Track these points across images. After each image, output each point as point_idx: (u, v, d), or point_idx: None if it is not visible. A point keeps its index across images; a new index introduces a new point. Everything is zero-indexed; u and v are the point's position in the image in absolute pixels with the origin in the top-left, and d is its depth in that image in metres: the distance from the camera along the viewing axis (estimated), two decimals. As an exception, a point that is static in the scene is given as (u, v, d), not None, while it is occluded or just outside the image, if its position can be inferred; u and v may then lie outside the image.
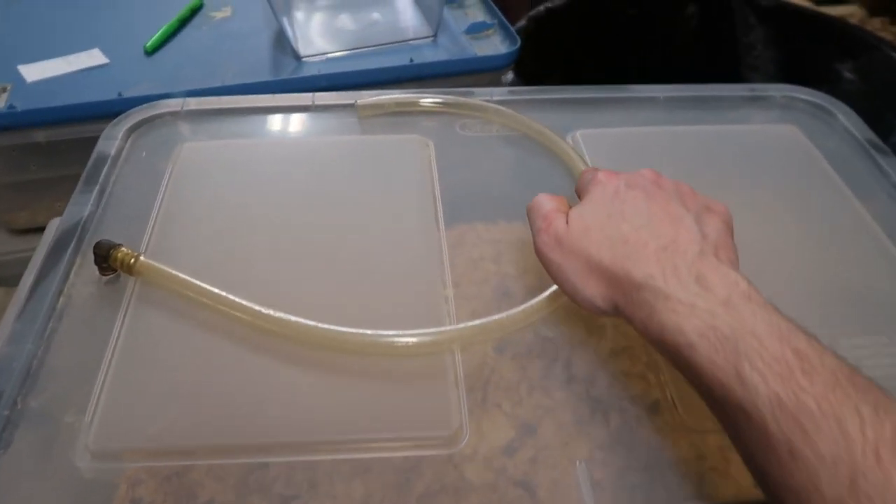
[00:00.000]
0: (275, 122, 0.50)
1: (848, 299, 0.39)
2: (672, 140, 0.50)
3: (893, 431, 0.22)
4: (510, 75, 0.83)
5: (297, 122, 0.50)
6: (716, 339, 0.26)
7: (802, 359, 0.24)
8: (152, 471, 0.31)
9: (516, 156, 0.48)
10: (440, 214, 0.43)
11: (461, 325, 0.36)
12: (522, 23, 0.96)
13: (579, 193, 0.36)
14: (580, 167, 0.45)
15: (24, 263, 0.65)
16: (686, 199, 0.33)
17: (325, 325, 0.34)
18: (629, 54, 1.06)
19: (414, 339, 0.34)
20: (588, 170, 0.37)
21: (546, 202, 0.35)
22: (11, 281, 0.67)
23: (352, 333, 0.34)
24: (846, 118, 0.52)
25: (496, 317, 0.36)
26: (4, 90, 0.58)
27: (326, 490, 0.30)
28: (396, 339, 0.34)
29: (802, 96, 0.54)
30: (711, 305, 0.27)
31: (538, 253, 0.34)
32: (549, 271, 0.33)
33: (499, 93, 0.52)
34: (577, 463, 0.32)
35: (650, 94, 0.53)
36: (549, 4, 0.98)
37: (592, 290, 0.31)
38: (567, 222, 0.33)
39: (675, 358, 0.28)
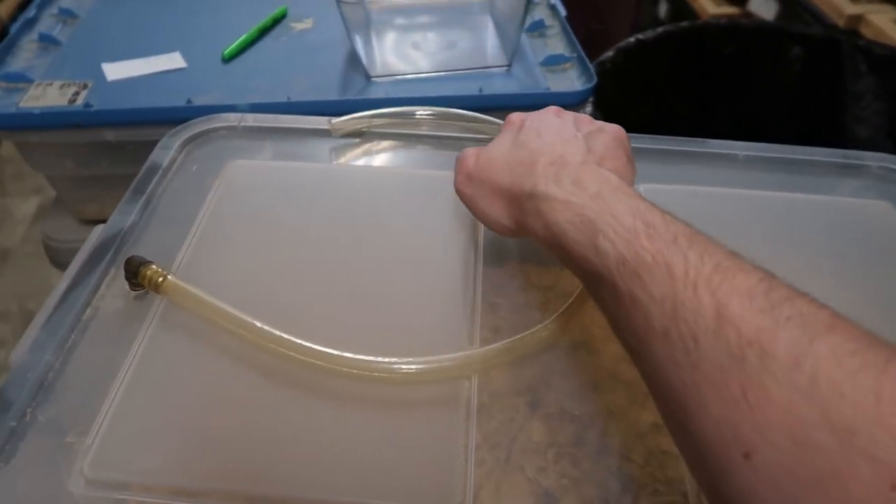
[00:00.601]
0: (325, 144, 0.49)
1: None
2: (747, 205, 0.45)
3: (713, 269, 0.25)
4: (589, 108, 0.80)
5: (347, 148, 0.49)
6: (581, 223, 0.30)
7: (649, 227, 0.28)
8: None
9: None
10: (480, 253, 0.41)
11: (478, 350, 0.35)
12: (610, 54, 0.93)
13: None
14: None
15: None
16: (581, 123, 0.37)
17: (349, 354, 0.33)
18: (723, 95, 1.01)
19: (432, 366, 0.34)
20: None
21: (466, 151, 0.39)
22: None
23: (361, 359, 0.33)
24: (955, 198, 0.46)
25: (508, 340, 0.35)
26: (85, 87, 0.60)
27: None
28: (407, 366, 0.33)
29: (903, 169, 0.48)
30: (583, 200, 0.31)
31: (456, 192, 0.38)
32: (466, 204, 0.38)
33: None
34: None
35: (729, 151, 0.49)
36: (640, 36, 0.94)
37: (498, 211, 0.36)
38: (476, 157, 0.38)
39: (556, 249, 0.32)
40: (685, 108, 1.00)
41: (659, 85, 0.97)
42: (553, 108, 0.39)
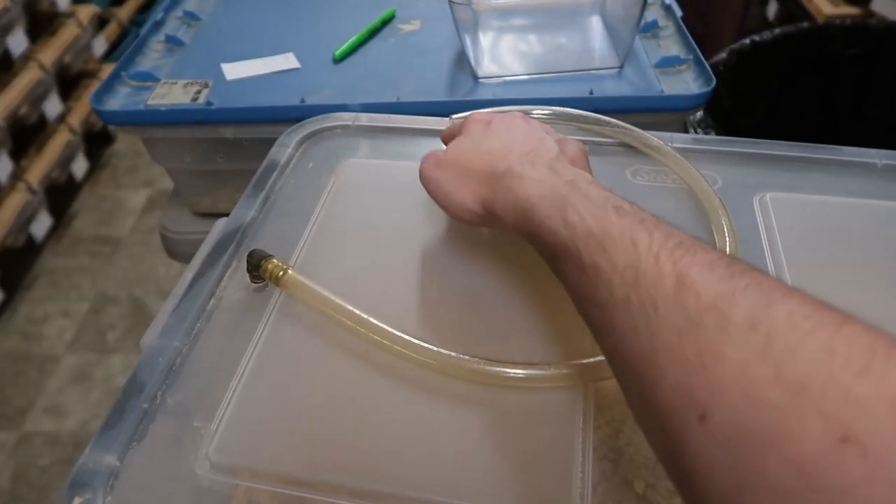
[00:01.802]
0: (437, 144, 0.49)
1: None
2: (886, 218, 0.42)
3: (676, 245, 0.26)
4: (700, 114, 0.76)
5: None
6: (552, 198, 0.31)
7: (619, 209, 0.29)
8: (272, 496, 0.31)
9: (688, 214, 0.43)
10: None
11: (592, 359, 0.34)
12: (723, 55, 0.89)
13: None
14: (712, 201, 0.42)
15: (201, 244, 0.71)
16: (548, 128, 0.39)
17: (465, 356, 0.33)
18: (846, 99, 0.94)
19: (538, 372, 0.33)
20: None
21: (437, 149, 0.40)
22: (189, 258, 0.73)
23: (476, 363, 0.33)
24: None
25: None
26: (206, 86, 0.63)
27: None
28: (513, 371, 0.33)
29: None
30: (556, 182, 0.32)
31: (420, 177, 0.38)
32: (428, 188, 0.38)
33: (680, 139, 0.47)
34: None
35: (865, 159, 0.46)
36: (755, 38, 0.90)
37: (465, 194, 0.36)
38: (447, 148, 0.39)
39: (523, 224, 0.33)
40: (802, 113, 0.94)
41: (774, 88, 0.92)
42: (518, 112, 0.41)
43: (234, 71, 0.66)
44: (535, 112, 0.48)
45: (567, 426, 0.32)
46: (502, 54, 0.66)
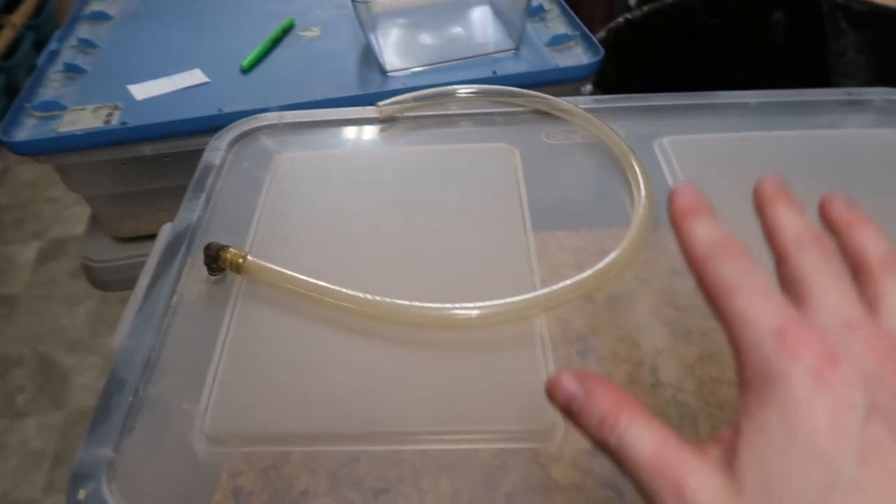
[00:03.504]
0: (365, 132, 0.52)
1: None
2: (764, 146, 0.49)
3: None
4: (589, 87, 0.83)
5: (386, 132, 0.52)
6: None
7: None
8: (252, 462, 0.32)
9: (599, 163, 0.48)
10: (528, 221, 0.44)
11: (541, 292, 0.37)
12: (602, 34, 0.96)
13: (739, 341, 0.20)
14: (622, 147, 0.45)
15: (127, 269, 0.69)
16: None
17: (415, 303, 0.36)
18: (714, 65, 1.04)
19: (493, 309, 0.36)
20: (754, 295, 0.21)
21: (639, 437, 0.20)
22: (115, 286, 0.72)
23: (441, 308, 0.36)
24: (954, 121, 0.50)
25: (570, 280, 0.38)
26: (117, 108, 0.63)
27: (414, 483, 0.31)
28: (468, 311, 0.36)
29: (904, 99, 0.52)
30: None
31: None
32: None
33: (584, 101, 0.52)
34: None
35: (740, 100, 0.52)
36: (628, 16, 0.98)
37: None
38: (733, 475, 0.19)
39: None
40: (677, 82, 1.03)
41: (650, 61, 1.01)
42: (875, 333, 0.20)
43: (142, 91, 0.66)
44: (460, 91, 0.52)
45: (528, 353, 0.36)
46: (406, 48, 0.70)
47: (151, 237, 0.44)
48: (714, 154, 0.48)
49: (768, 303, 0.20)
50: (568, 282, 0.38)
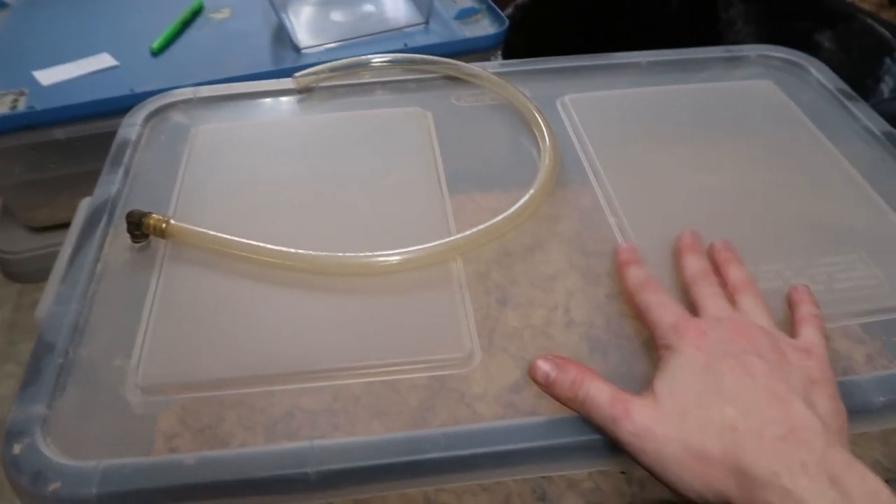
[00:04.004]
0: (281, 103, 0.53)
1: (822, 226, 0.42)
2: (656, 100, 0.53)
3: None
4: (499, 59, 0.86)
5: (302, 103, 0.53)
6: None
7: None
8: (186, 423, 0.34)
9: (510, 124, 0.51)
10: (443, 182, 0.46)
11: (456, 236, 0.40)
12: (509, 11, 0.99)
13: (658, 335, 0.33)
14: (521, 98, 0.49)
15: (42, 260, 0.68)
16: (785, 368, 0.30)
17: (338, 254, 0.39)
18: (615, 37, 1.10)
19: (412, 255, 0.39)
20: (662, 306, 0.34)
21: (599, 390, 0.31)
22: (30, 277, 0.70)
23: (360, 257, 0.39)
24: (818, 71, 0.55)
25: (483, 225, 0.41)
26: (22, 94, 0.62)
27: (349, 433, 0.33)
28: (390, 258, 0.39)
29: (777, 54, 0.57)
30: None
31: (626, 445, 0.29)
32: (643, 461, 0.29)
33: (491, 66, 0.55)
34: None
35: (633, 60, 0.57)
36: (534, -8, 1.01)
37: (699, 483, 0.28)
38: (653, 396, 0.30)
39: None
40: (585, 49, 1.08)
41: (558, 35, 1.05)
42: (728, 320, 0.33)
43: (48, 77, 0.65)
44: (374, 60, 0.54)
45: (447, 293, 0.38)
46: (318, 26, 0.71)
47: (67, 226, 0.44)
48: (610, 108, 0.52)
49: (670, 311, 0.34)
50: (480, 226, 0.41)
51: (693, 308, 0.35)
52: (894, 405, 0.33)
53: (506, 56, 0.83)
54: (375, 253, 0.39)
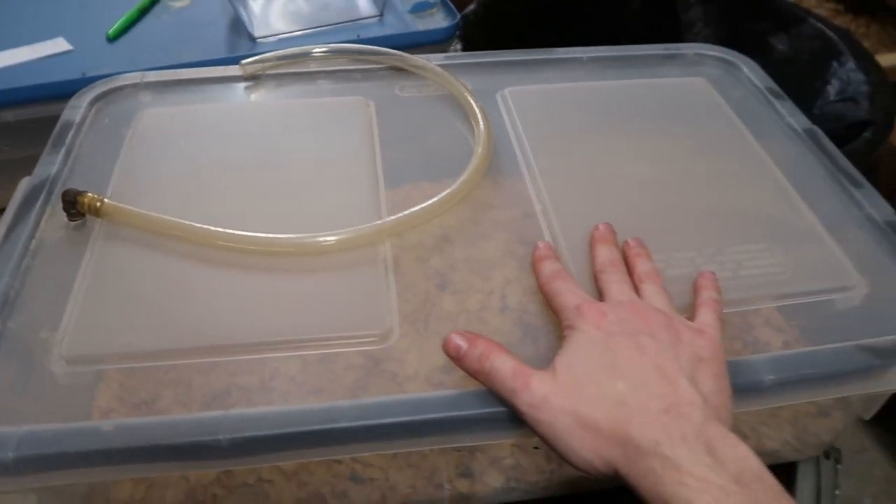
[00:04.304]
0: (228, 90, 0.54)
1: (737, 216, 0.44)
2: (592, 94, 0.55)
3: None
4: (458, 48, 0.87)
5: (248, 90, 0.54)
6: None
7: None
8: (123, 399, 0.35)
9: (452, 115, 0.53)
10: (380, 169, 0.47)
11: (383, 220, 0.42)
12: (471, 6, 1.01)
13: (563, 318, 0.35)
14: (460, 89, 0.51)
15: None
16: (677, 347, 0.32)
17: (264, 234, 0.40)
18: (576, 35, 1.11)
19: (339, 237, 0.40)
20: (569, 292, 0.36)
21: (503, 363, 0.32)
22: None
23: (289, 238, 0.40)
24: (750, 70, 0.57)
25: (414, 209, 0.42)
26: (-27, 76, 0.62)
27: (281, 402, 0.35)
28: (323, 239, 0.40)
29: (711, 53, 0.59)
30: (724, 481, 0.27)
31: (524, 415, 0.31)
32: (539, 431, 0.31)
33: (436, 58, 0.57)
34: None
35: (574, 56, 0.58)
36: (497, -11, 1.03)
37: (588, 452, 0.30)
38: (552, 370, 0.32)
39: None
40: (547, 45, 1.10)
41: (520, 31, 1.07)
42: (629, 303, 0.35)
43: (1, 60, 0.65)
44: (315, 51, 0.55)
45: (377, 270, 0.40)
46: (274, 17, 0.72)
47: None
48: (547, 101, 0.54)
49: (575, 296, 0.36)
50: (408, 211, 0.42)
51: (601, 296, 0.38)
52: (783, 384, 0.35)
53: (465, 51, 0.85)
54: (305, 234, 0.40)
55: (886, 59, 1.11)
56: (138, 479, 0.39)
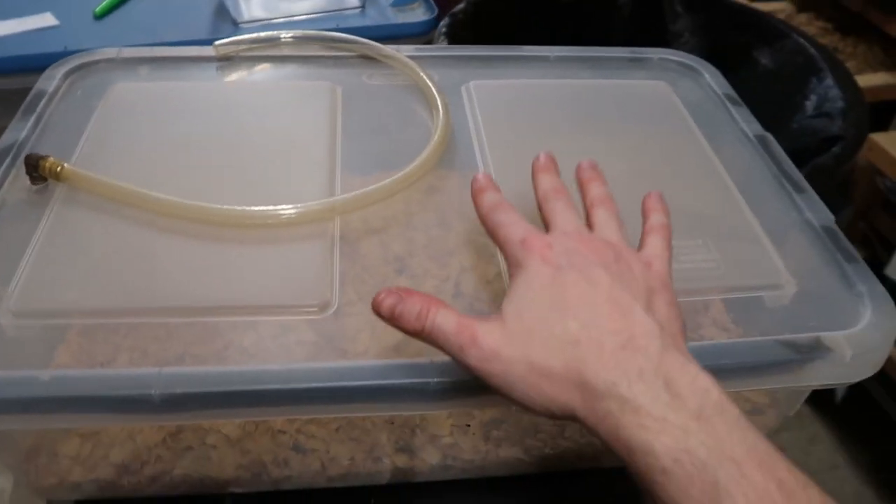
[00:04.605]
0: (201, 69, 0.56)
1: (677, 213, 0.45)
2: (554, 91, 0.56)
3: None
4: (444, 41, 0.89)
5: (220, 70, 0.56)
6: (692, 466, 0.25)
7: (786, 493, 0.24)
8: (80, 360, 0.36)
9: (415, 104, 0.54)
10: (339, 151, 0.49)
11: (339, 197, 0.43)
12: (462, 6, 1.02)
13: (507, 253, 0.33)
14: (424, 79, 0.52)
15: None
16: (627, 279, 0.31)
17: (217, 205, 0.41)
18: (565, 40, 1.12)
19: (294, 211, 0.42)
20: (512, 224, 0.34)
21: (445, 318, 0.30)
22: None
23: (243, 210, 0.42)
24: (711, 76, 0.59)
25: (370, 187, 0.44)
26: (-41, 45, 0.64)
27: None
28: (280, 211, 0.42)
29: (675, 58, 0.61)
30: (684, 420, 0.26)
31: (475, 370, 0.30)
32: (492, 383, 0.29)
33: (406, 49, 0.58)
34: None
35: (542, 54, 0.60)
36: (487, -9, 1.05)
37: (545, 398, 0.28)
38: (500, 317, 0.30)
39: (646, 481, 0.26)
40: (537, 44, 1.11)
41: (509, 32, 1.08)
42: (574, 231, 0.34)
43: (-13, 30, 0.67)
44: (284, 35, 0.57)
45: (324, 246, 0.41)
46: (257, 3, 0.74)
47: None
48: (510, 96, 0.55)
49: (519, 229, 0.33)
50: (370, 188, 0.44)
51: (547, 227, 0.36)
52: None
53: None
54: (258, 207, 0.41)
55: (869, 80, 1.12)
56: (84, 436, 0.41)
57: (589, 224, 0.36)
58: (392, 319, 0.31)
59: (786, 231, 0.45)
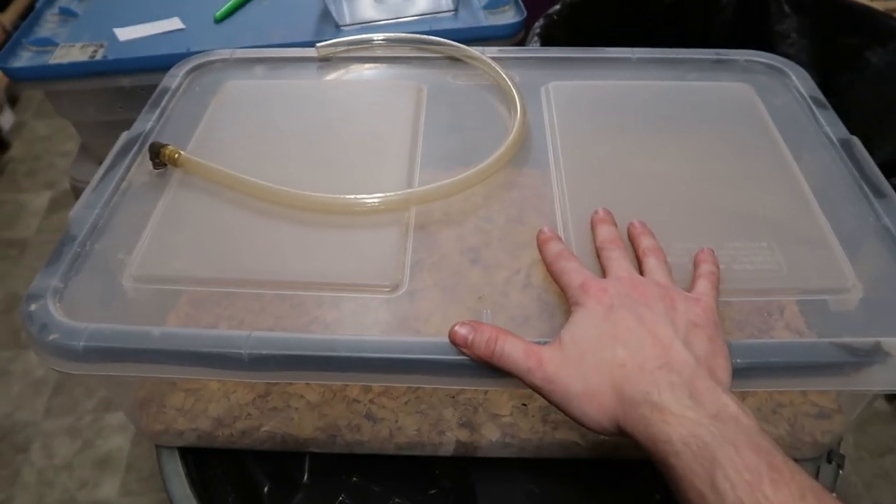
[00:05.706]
0: (303, 69, 0.61)
1: (745, 216, 0.46)
2: (633, 93, 0.57)
3: None
4: (536, 41, 0.91)
5: (320, 70, 0.61)
6: (697, 447, 0.29)
7: (774, 470, 0.28)
8: (186, 325, 0.41)
9: (498, 103, 0.57)
10: (420, 146, 0.52)
11: (416, 189, 0.47)
12: (557, 7, 1.04)
13: (568, 295, 0.38)
14: (504, 80, 0.55)
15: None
16: (672, 315, 0.36)
17: (309, 192, 0.46)
18: (664, 42, 1.11)
19: (376, 200, 0.46)
20: (573, 272, 0.39)
21: (513, 346, 0.36)
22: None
23: (331, 197, 0.46)
24: (798, 78, 0.58)
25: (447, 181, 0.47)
26: (101, 46, 0.73)
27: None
28: (363, 200, 0.46)
29: (762, 59, 0.60)
30: (700, 417, 0.30)
31: (539, 390, 0.35)
32: (552, 399, 0.35)
33: (490, 51, 0.61)
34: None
35: (624, 55, 0.61)
36: (585, -9, 1.05)
37: (598, 413, 0.34)
38: (560, 344, 0.35)
39: (664, 467, 0.31)
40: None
41: (605, 34, 1.08)
42: (626, 277, 0.38)
43: (125, 34, 0.75)
44: (376, 38, 0.61)
45: (399, 232, 0.45)
46: (359, 7, 0.79)
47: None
48: (588, 97, 0.57)
49: (579, 275, 0.38)
50: (444, 182, 0.47)
51: (603, 272, 0.41)
52: (752, 369, 0.37)
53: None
54: (345, 196, 0.46)
55: None
56: (188, 391, 0.47)
57: (641, 270, 0.40)
58: (466, 348, 0.37)
59: (860, 236, 0.45)
